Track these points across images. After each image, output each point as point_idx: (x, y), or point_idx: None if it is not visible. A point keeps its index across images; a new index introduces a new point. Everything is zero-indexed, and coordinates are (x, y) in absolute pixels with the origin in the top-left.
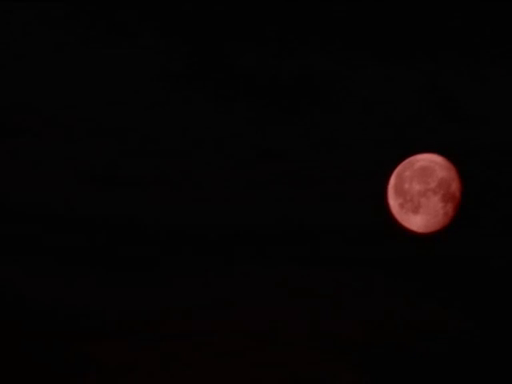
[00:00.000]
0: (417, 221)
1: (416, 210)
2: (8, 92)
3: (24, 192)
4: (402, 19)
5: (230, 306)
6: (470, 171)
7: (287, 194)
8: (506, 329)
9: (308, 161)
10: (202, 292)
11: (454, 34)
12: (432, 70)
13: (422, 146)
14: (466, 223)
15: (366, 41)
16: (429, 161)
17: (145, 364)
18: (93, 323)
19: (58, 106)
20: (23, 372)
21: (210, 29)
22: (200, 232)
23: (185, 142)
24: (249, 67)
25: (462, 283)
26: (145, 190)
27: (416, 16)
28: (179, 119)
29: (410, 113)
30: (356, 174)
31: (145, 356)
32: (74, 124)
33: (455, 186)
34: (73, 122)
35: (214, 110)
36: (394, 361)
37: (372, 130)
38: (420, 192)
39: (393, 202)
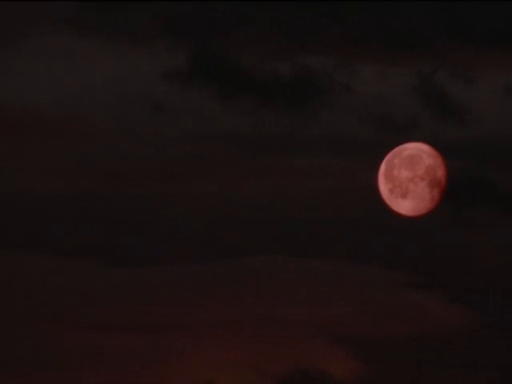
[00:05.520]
0: (405, 205)
1: (404, 194)
2: (12, 91)
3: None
4: (400, 21)
5: (230, 295)
6: (455, 160)
7: (285, 185)
8: (496, 311)
9: (306, 154)
10: (203, 283)
11: (448, 37)
12: (426, 70)
13: (413, 138)
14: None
15: (365, 41)
16: (416, 149)
17: (146, 355)
18: (98, 313)
19: (63, 104)
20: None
21: (213, 29)
22: (201, 225)
23: (187, 138)
24: (250, 66)
25: (454, 271)
26: (152, 185)
27: (412, 18)
28: (182, 117)
29: (405, 109)
30: (351, 163)
31: (145, 347)
32: (81, 122)
33: (441, 173)
34: (79, 120)
35: (216, 108)
36: (393, 350)
37: (368, 125)
38: (408, 178)
39: (383, 188)
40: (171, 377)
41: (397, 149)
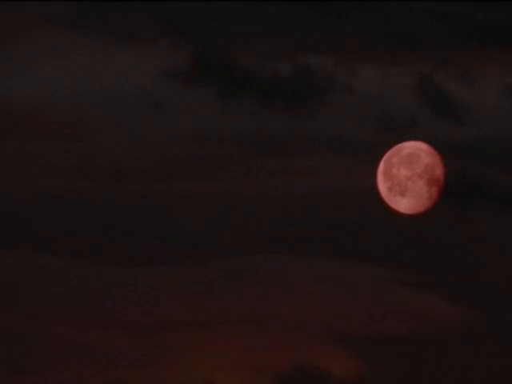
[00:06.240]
0: (404, 203)
1: (403, 193)
2: (12, 91)
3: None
4: (400, 21)
5: (230, 294)
6: (455, 160)
7: (285, 185)
8: (496, 311)
9: (306, 154)
10: (203, 283)
11: (448, 37)
12: (426, 70)
13: (412, 138)
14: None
15: (366, 41)
16: (415, 148)
17: (146, 355)
18: (97, 313)
19: (64, 104)
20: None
21: (213, 29)
22: (201, 225)
23: (187, 138)
24: (250, 66)
25: (454, 270)
26: (152, 185)
27: (412, 18)
28: (182, 117)
29: (405, 109)
30: (351, 163)
31: (146, 347)
32: (82, 122)
33: (439, 172)
34: (80, 120)
35: (216, 108)
36: (392, 349)
37: (368, 125)
38: (407, 176)
39: (382, 186)
40: (172, 376)
41: (395, 147)
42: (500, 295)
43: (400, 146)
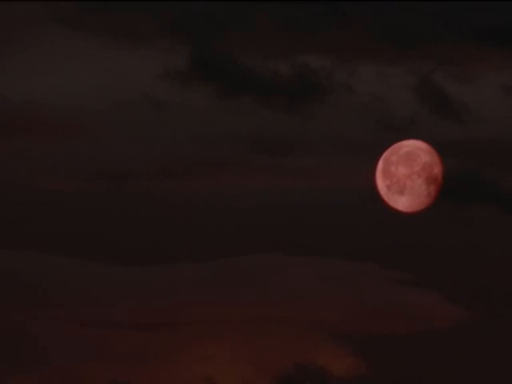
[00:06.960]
0: (402, 201)
1: (402, 191)
2: (16, 91)
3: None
4: (400, 20)
5: (231, 294)
6: (453, 159)
7: (285, 185)
8: (495, 310)
9: (306, 154)
10: (203, 282)
11: (447, 37)
12: (425, 70)
13: (412, 137)
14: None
15: (365, 41)
16: (413, 146)
17: (147, 353)
18: (98, 312)
19: (64, 104)
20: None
21: (213, 29)
22: (201, 224)
23: (187, 138)
24: (250, 66)
25: (452, 268)
26: (152, 185)
27: (412, 18)
28: (182, 117)
29: (404, 108)
30: (351, 162)
31: (146, 345)
32: (82, 122)
33: (437, 170)
34: (80, 120)
35: (216, 108)
36: (391, 347)
37: (368, 124)
38: (405, 175)
39: (381, 184)
40: (172, 375)
41: (394, 146)
42: (500, 295)
43: (399, 144)
